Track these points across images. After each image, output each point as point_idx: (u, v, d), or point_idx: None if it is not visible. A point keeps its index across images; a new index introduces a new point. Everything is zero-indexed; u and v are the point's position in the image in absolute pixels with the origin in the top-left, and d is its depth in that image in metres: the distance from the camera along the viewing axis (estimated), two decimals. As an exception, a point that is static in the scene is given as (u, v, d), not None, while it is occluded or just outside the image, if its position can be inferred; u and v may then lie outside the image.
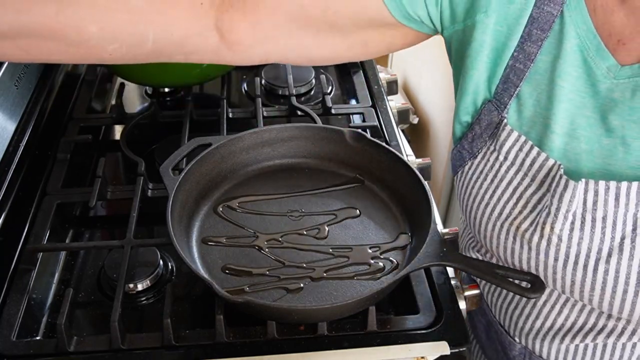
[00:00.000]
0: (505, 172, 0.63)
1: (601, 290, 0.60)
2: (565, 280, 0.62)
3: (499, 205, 0.64)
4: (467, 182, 0.68)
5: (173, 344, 0.66)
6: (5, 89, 0.82)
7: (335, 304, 0.66)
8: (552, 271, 0.62)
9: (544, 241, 0.60)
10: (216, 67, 0.97)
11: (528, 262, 0.63)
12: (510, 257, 0.64)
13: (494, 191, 0.64)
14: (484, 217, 0.65)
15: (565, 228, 0.59)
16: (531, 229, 0.61)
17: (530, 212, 0.61)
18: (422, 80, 1.99)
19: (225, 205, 0.79)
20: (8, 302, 0.70)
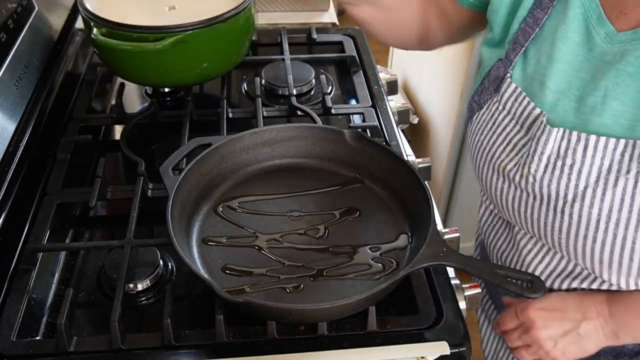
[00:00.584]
0: (502, 120, 0.72)
1: (566, 234, 0.66)
2: (540, 222, 0.69)
3: (493, 149, 0.72)
4: (473, 131, 0.76)
5: (173, 344, 0.66)
6: (5, 89, 0.82)
7: (335, 304, 0.65)
8: (530, 212, 0.69)
9: (523, 180, 0.68)
10: (216, 67, 0.97)
11: (513, 202, 0.71)
12: (500, 197, 0.73)
13: (491, 137, 0.73)
14: (484, 162, 0.74)
15: (539, 169, 0.66)
16: (514, 169, 0.69)
17: (515, 154, 0.69)
18: (422, 80, 1.99)
19: (225, 205, 0.79)
20: (8, 302, 0.70)
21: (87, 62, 1.11)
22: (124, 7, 0.95)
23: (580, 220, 0.64)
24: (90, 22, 0.89)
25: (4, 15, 0.86)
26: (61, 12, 1.09)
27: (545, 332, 0.72)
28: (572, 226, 0.65)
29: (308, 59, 1.12)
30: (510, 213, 0.73)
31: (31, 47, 0.92)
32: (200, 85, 1.10)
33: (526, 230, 0.73)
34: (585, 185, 0.63)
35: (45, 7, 1.01)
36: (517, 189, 0.69)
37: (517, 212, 0.71)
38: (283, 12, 1.38)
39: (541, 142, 0.65)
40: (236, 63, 1.00)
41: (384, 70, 1.18)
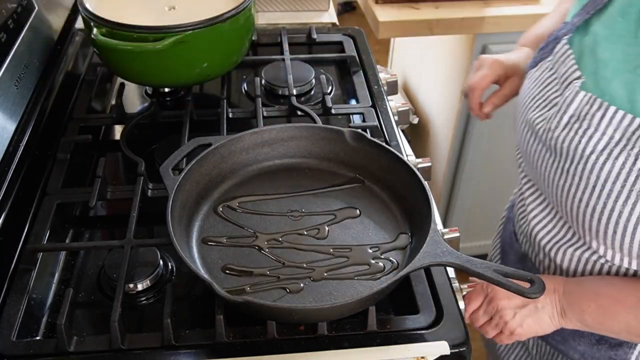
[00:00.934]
0: (547, 79, 0.76)
1: (566, 193, 0.71)
2: (550, 178, 0.73)
3: (531, 103, 0.77)
4: (523, 87, 0.82)
5: (173, 344, 0.66)
6: (5, 89, 0.82)
7: (335, 304, 0.66)
8: (545, 166, 0.74)
9: (544, 135, 0.73)
10: (216, 67, 0.97)
11: (535, 155, 0.76)
12: (527, 149, 0.78)
13: (532, 93, 0.78)
14: (521, 115, 0.79)
15: (559, 127, 0.71)
16: (541, 123, 0.74)
17: (547, 110, 0.74)
18: (422, 80, 1.99)
19: (225, 205, 0.79)
20: (8, 302, 0.70)
21: (87, 62, 1.11)
22: (124, 7, 0.95)
23: (580, 182, 0.69)
24: (90, 22, 0.89)
25: (4, 15, 0.86)
26: (61, 12, 1.09)
27: (506, 302, 0.77)
28: (572, 187, 0.70)
29: (308, 59, 1.12)
30: (532, 166, 0.78)
31: (31, 47, 0.92)
32: (200, 85, 1.10)
33: (539, 184, 0.79)
34: (592, 151, 0.67)
35: (45, 7, 1.01)
36: (539, 142, 0.75)
37: (536, 165, 0.77)
38: (283, 12, 1.38)
39: (567, 101, 0.70)
40: (236, 63, 1.00)
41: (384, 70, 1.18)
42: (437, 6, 1.53)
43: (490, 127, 1.71)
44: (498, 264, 0.84)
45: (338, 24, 1.36)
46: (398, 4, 1.53)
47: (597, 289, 0.74)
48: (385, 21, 1.49)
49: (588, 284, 0.75)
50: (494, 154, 1.78)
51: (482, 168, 1.81)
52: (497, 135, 1.73)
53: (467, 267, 0.64)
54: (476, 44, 1.55)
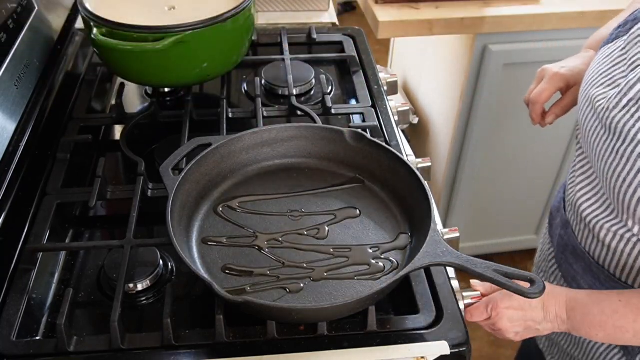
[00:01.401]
0: (617, 58, 0.77)
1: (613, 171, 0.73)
2: (600, 154, 0.76)
3: (596, 80, 0.78)
4: (594, 61, 0.82)
5: (173, 344, 0.66)
6: (5, 89, 0.82)
7: (335, 304, 0.66)
8: (598, 142, 0.76)
9: (602, 112, 0.74)
10: (216, 67, 0.97)
11: (591, 129, 0.78)
12: (584, 123, 0.79)
13: (600, 69, 0.79)
14: (584, 89, 0.80)
15: (617, 107, 0.72)
16: (602, 101, 0.75)
17: (610, 89, 0.75)
18: (422, 80, 1.99)
19: (225, 205, 0.79)
20: (8, 302, 0.70)
21: (87, 62, 1.11)
22: (124, 7, 0.95)
23: (627, 163, 0.71)
24: (90, 22, 0.89)
25: (4, 15, 0.86)
26: (61, 12, 1.09)
27: (510, 327, 0.79)
28: (619, 166, 0.72)
29: (308, 59, 1.12)
30: (587, 140, 0.80)
31: (31, 47, 0.92)
32: (200, 85, 1.10)
33: (590, 160, 0.81)
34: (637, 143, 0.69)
35: (45, 7, 1.01)
36: (597, 119, 0.76)
37: (590, 141, 0.78)
38: (283, 12, 1.38)
39: (630, 84, 0.71)
40: (236, 63, 1.00)
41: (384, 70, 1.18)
42: (437, 6, 1.53)
43: (491, 127, 1.71)
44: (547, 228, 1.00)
45: (338, 24, 1.36)
46: (398, 4, 1.53)
47: (602, 321, 0.75)
48: (385, 21, 1.49)
49: (592, 314, 0.76)
50: (494, 154, 1.78)
51: (482, 168, 1.81)
52: (497, 135, 1.73)
53: (467, 267, 0.64)
54: (476, 44, 1.55)
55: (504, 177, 1.85)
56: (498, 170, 1.83)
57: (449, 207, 1.93)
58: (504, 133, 1.73)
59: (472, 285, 0.80)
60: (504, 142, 1.76)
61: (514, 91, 1.63)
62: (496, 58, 1.55)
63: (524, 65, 1.58)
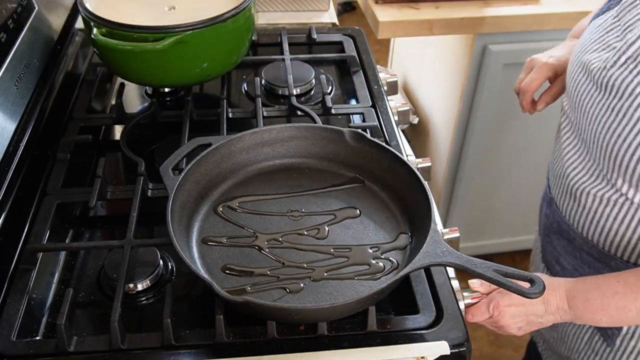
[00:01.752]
0: (610, 25, 0.80)
1: (607, 128, 0.76)
2: (594, 114, 0.79)
3: (590, 46, 0.81)
4: (584, 34, 0.86)
5: (173, 344, 0.66)
6: (5, 89, 0.82)
7: (335, 304, 0.66)
8: (591, 104, 0.79)
9: (598, 72, 0.77)
10: (216, 67, 0.97)
11: (583, 94, 0.81)
12: (575, 89, 0.83)
13: (593, 37, 0.82)
14: (575, 58, 0.84)
15: (615, 65, 0.75)
16: (597, 63, 0.78)
17: (605, 53, 0.78)
18: (422, 80, 1.99)
19: (225, 205, 0.79)
20: (8, 302, 0.70)
21: (87, 62, 1.11)
22: (124, 7, 0.95)
23: (623, 118, 0.74)
24: (90, 22, 0.89)
25: (4, 15, 0.86)
26: (61, 12, 1.09)
27: (512, 323, 0.80)
28: (614, 122, 0.75)
29: (308, 59, 1.12)
30: (578, 105, 0.83)
31: (31, 47, 0.92)
32: (200, 85, 1.10)
33: (579, 126, 0.84)
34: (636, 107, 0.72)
35: (45, 7, 1.01)
36: (590, 82, 0.79)
37: (582, 105, 0.82)
38: (283, 12, 1.38)
39: (628, 43, 0.74)
40: (236, 63, 1.00)
41: (384, 70, 1.18)
42: (437, 6, 1.53)
43: (491, 127, 1.71)
44: None
45: (338, 24, 1.36)
46: (398, 4, 1.53)
47: (604, 304, 0.77)
48: (385, 21, 1.49)
49: (593, 299, 0.77)
50: (493, 154, 1.78)
51: (482, 168, 1.81)
52: (497, 135, 1.73)
53: (467, 267, 0.64)
54: (476, 44, 1.55)
55: (504, 177, 1.85)
56: (498, 170, 1.83)
57: (449, 207, 1.93)
58: (504, 133, 1.73)
59: (470, 286, 0.81)
60: (504, 142, 1.76)
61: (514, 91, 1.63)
62: (496, 58, 1.55)
63: (524, 65, 1.58)
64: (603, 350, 0.93)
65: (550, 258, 1.00)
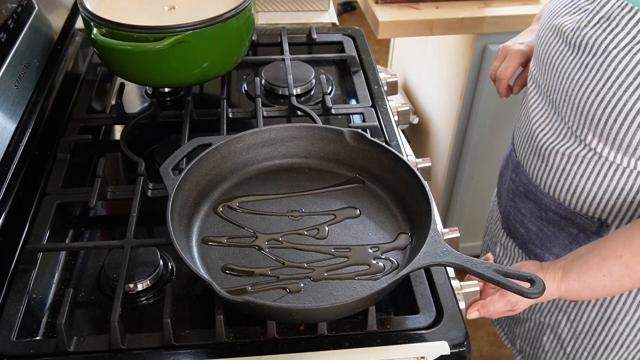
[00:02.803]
0: None
1: (580, 85, 0.79)
2: (566, 73, 0.82)
3: (561, 11, 0.85)
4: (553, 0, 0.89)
5: (173, 344, 0.66)
6: (5, 89, 0.82)
7: (335, 304, 0.65)
8: (563, 63, 0.82)
9: (571, 33, 0.81)
10: (216, 67, 0.97)
11: (555, 55, 0.84)
12: (546, 51, 0.86)
13: (562, 2, 0.85)
14: (545, 22, 0.88)
15: (589, 25, 0.78)
16: (569, 24, 0.82)
17: (576, 15, 0.82)
18: (422, 80, 1.99)
19: (225, 205, 0.79)
20: (8, 302, 0.70)
21: (87, 62, 1.11)
22: (124, 7, 0.95)
23: (596, 74, 0.77)
24: (90, 22, 0.89)
25: (4, 15, 0.86)
26: (61, 12, 1.09)
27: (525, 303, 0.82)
28: (587, 79, 0.78)
29: (308, 59, 1.12)
30: (548, 66, 0.86)
31: (31, 47, 0.92)
32: (200, 85, 1.10)
33: (549, 87, 0.87)
34: (615, 46, 0.75)
35: (45, 7, 1.01)
36: (562, 42, 0.83)
37: (553, 66, 0.85)
38: (283, 12, 1.38)
39: (600, 4, 0.78)
40: (236, 63, 1.00)
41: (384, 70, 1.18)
42: (437, 6, 1.53)
43: (490, 126, 1.71)
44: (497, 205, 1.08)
45: (338, 24, 1.36)
46: (398, 4, 1.53)
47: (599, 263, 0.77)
48: (385, 21, 1.49)
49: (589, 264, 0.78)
50: (493, 153, 1.78)
51: (482, 168, 1.81)
52: (497, 135, 1.73)
53: (467, 267, 0.64)
54: (476, 44, 1.55)
55: (504, 177, 1.85)
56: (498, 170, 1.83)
57: (449, 207, 1.93)
58: (503, 133, 1.73)
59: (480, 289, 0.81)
60: (503, 142, 1.76)
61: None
62: (496, 58, 1.55)
63: (524, 65, 1.58)
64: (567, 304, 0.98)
65: (514, 222, 1.02)
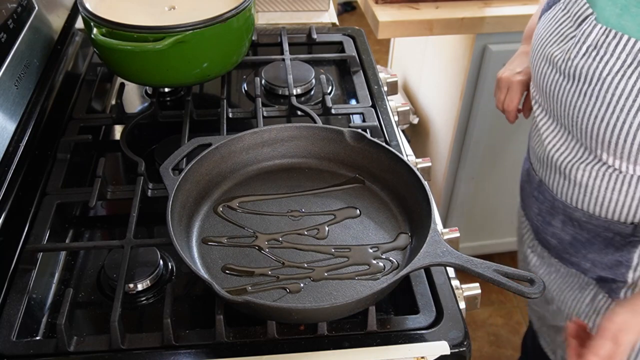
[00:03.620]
0: (560, 18, 0.86)
1: (583, 112, 0.81)
2: (567, 102, 0.83)
3: (548, 40, 0.87)
4: (538, 27, 0.92)
5: (173, 344, 0.66)
6: (5, 89, 0.82)
7: (335, 304, 0.65)
8: (562, 92, 0.84)
9: (564, 64, 0.82)
10: (216, 67, 0.97)
11: (552, 85, 0.86)
12: (544, 81, 0.88)
13: (548, 31, 0.88)
14: (538, 51, 0.89)
15: (578, 55, 0.80)
16: (559, 55, 0.84)
17: (564, 44, 0.84)
18: (422, 80, 1.99)
19: (225, 205, 0.79)
20: (8, 302, 0.70)
21: (87, 62, 1.11)
22: (124, 7, 0.95)
23: (596, 101, 0.79)
24: (90, 22, 0.89)
25: (4, 15, 0.86)
26: (61, 12, 1.09)
27: None
28: (589, 106, 0.80)
29: (308, 59, 1.12)
30: (549, 95, 0.88)
31: (31, 47, 0.92)
32: (200, 85, 1.10)
33: (554, 112, 0.88)
34: (608, 73, 0.77)
35: (45, 7, 1.01)
36: (557, 73, 0.84)
37: (553, 94, 0.86)
38: (283, 12, 1.38)
39: (585, 34, 0.79)
40: (236, 63, 1.00)
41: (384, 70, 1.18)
42: (437, 6, 1.53)
43: (491, 126, 1.71)
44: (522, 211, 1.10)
45: (338, 24, 1.36)
46: (398, 4, 1.53)
47: None
48: (385, 21, 1.49)
49: None
50: (493, 153, 1.78)
51: (482, 168, 1.81)
52: (497, 135, 1.73)
53: (467, 267, 0.64)
54: (476, 44, 1.55)
55: (504, 177, 1.85)
56: (498, 170, 1.83)
57: (449, 207, 1.93)
58: (504, 133, 1.73)
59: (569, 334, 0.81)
60: (504, 142, 1.76)
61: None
62: (496, 58, 1.55)
63: (524, 65, 1.58)
64: (607, 307, 0.95)
65: (545, 235, 1.03)
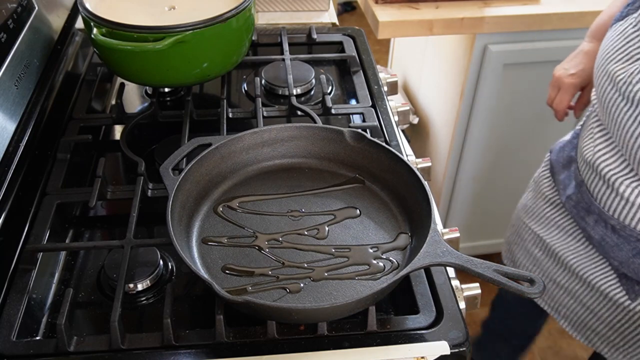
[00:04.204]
0: (630, 34, 0.85)
1: (636, 137, 0.83)
2: (621, 123, 0.85)
3: (613, 56, 0.87)
4: (606, 38, 0.91)
5: (173, 344, 0.66)
6: (5, 89, 0.82)
7: (335, 304, 0.65)
8: (619, 113, 0.85)
9: (624, 86, 0.83)
10: (216, 67, 0.97)
11: (610, 101, 0.87)
12: (604, 97, 0.89)
13: (615, 46, 0.87)
14: (602, 67, 0.89)
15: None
16: (622, 75, 0.84)
17: (629, 65, 0.84)
18: (422, 80, 1.99)
19: (225, 205, 0.79)
20: (8, 302, 0.70)
21: (87, 62, 1.11)
22: (124, 7, 0.95)
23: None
24: (90, 22, 0.89)
25: (4, 15, 0.86)
26: (61, 12, 1.09)
27: None
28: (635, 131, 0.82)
29: (308, 59, 1.12)
30: (607, 111, 0.89)
31: (31, 47, 0.92)
32: (200, 85, 1.10)
33: (609, 126, 0.90)
34: None
35: (45, 7, 1.01)
36: (617, 92, 0.85)
37: (610, 111, 0.88)
38: (283, 12, 1.38)
39: None
40: (236, 63, 1.00)
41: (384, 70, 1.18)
42: (437, 6, 1.53)
43: (491, 127, 1.71)
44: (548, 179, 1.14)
45: (338, 24, 1.36)
46: (398, 4, 1.53)
47: None
48: (385, 21, 1.49)
49: None
50: (494, 154, 1.78)
51: (482, 168, 1.81)
52: (497, 135, 1.73)
53: (467, 267, 0.64)
54: (476, 44, 1.55)
55: (504, 177, 1.85)
56: (498, 170, 1.83)
57: (449, 207, 1.93)
58: (504, 133, 1.73)
59: None
60: (504, 142, 1.76)
61: (514, 91, 1.63)
62: (496, 58, 1.55)
63: (524, 65, 1.58)
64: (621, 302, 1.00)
65: (578, 225, 1.05)
